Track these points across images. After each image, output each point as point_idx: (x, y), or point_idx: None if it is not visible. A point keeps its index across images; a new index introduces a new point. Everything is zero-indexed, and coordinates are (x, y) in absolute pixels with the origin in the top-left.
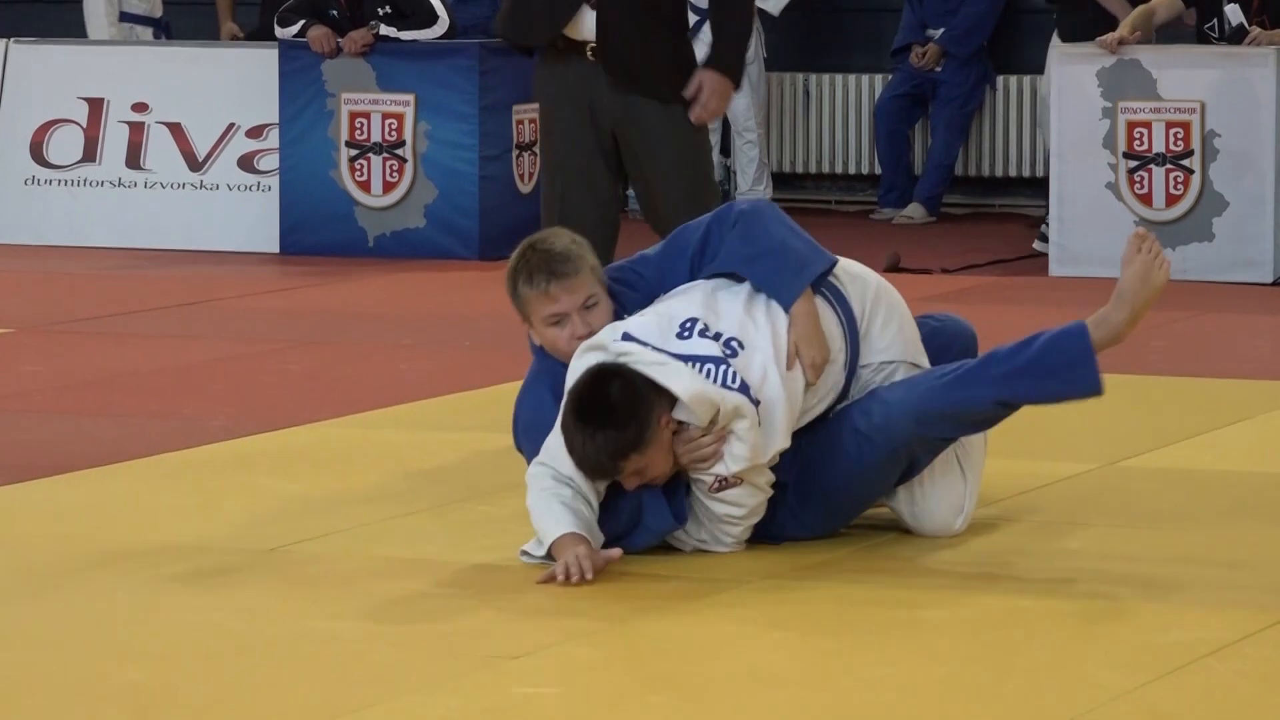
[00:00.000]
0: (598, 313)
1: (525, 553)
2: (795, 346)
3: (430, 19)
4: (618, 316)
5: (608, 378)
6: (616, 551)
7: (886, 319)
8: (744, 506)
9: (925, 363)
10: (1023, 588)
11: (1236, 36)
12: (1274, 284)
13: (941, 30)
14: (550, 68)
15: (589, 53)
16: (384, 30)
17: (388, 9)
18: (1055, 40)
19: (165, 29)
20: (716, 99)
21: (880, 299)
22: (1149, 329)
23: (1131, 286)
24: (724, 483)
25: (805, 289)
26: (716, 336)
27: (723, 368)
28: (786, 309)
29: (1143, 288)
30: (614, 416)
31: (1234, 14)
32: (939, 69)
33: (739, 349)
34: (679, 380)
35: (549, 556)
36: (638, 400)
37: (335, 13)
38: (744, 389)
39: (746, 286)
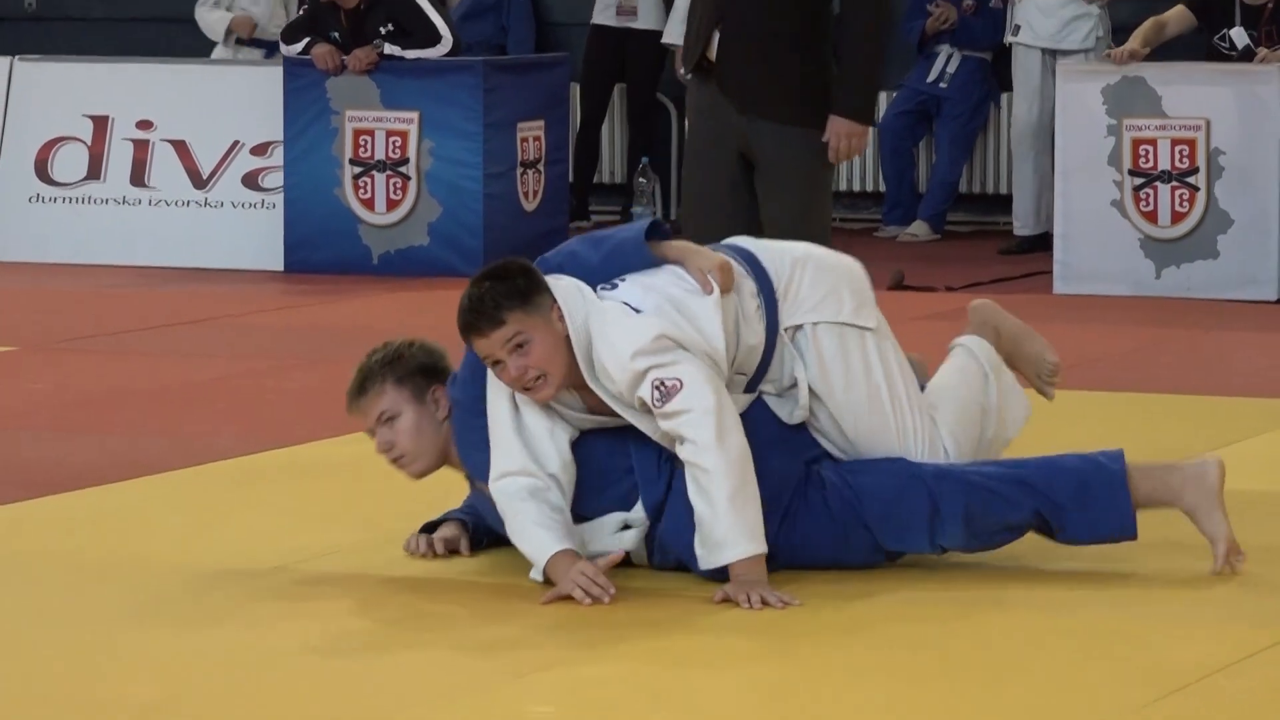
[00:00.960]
0: (399, 424)
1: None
2: (687, 266)
3: (434, 38)
4: None
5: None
6: (618, 554)
7: (816, 280)
8: (695, 408)
9: (870, 323)
10: (1029, 605)
11: (1245, 57)
12: (1278, 302)
13: (950, 48)
14: (695, 87)
15: (715, 73)
16: (388, 49)
17: (390, 28)
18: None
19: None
20: (848, 144)
21: (808, 263)
22: (1155, 346)
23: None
24: (662, 388)
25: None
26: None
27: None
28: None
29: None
30: (507, 270)
31: (1239, 36)
32: (944, 84)
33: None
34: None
35: (546, 579)
36: (534, 274)
37: (337, 34)
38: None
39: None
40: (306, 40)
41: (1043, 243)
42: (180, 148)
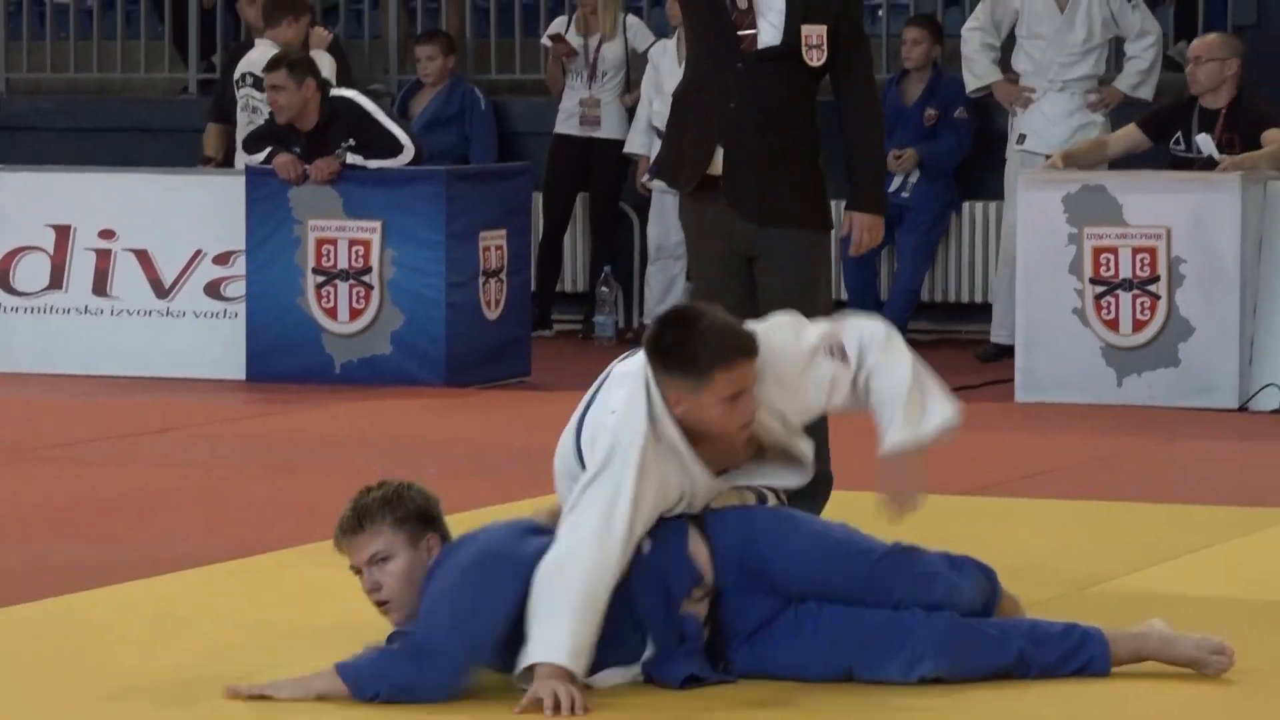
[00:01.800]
0: (391, 567)
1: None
2: None
3: (395, 148)
4: None
5: None
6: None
7: None
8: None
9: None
10: (993, 712)
11: (1208, 166)
12: (1239, 410)
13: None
14: (693, 202)
15: (721, 188)
16: (351, 159)
17: (350, 142)
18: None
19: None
20: (869, 235)
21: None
22: (1116, 455)
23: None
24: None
25: None
26: None
27: None
28: None
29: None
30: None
31: (1205, 143)
32: (906, 194)
33: None
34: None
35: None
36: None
37: (298, 150)
38: None
39: None
40: (268, 150)
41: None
42: (142, 257)
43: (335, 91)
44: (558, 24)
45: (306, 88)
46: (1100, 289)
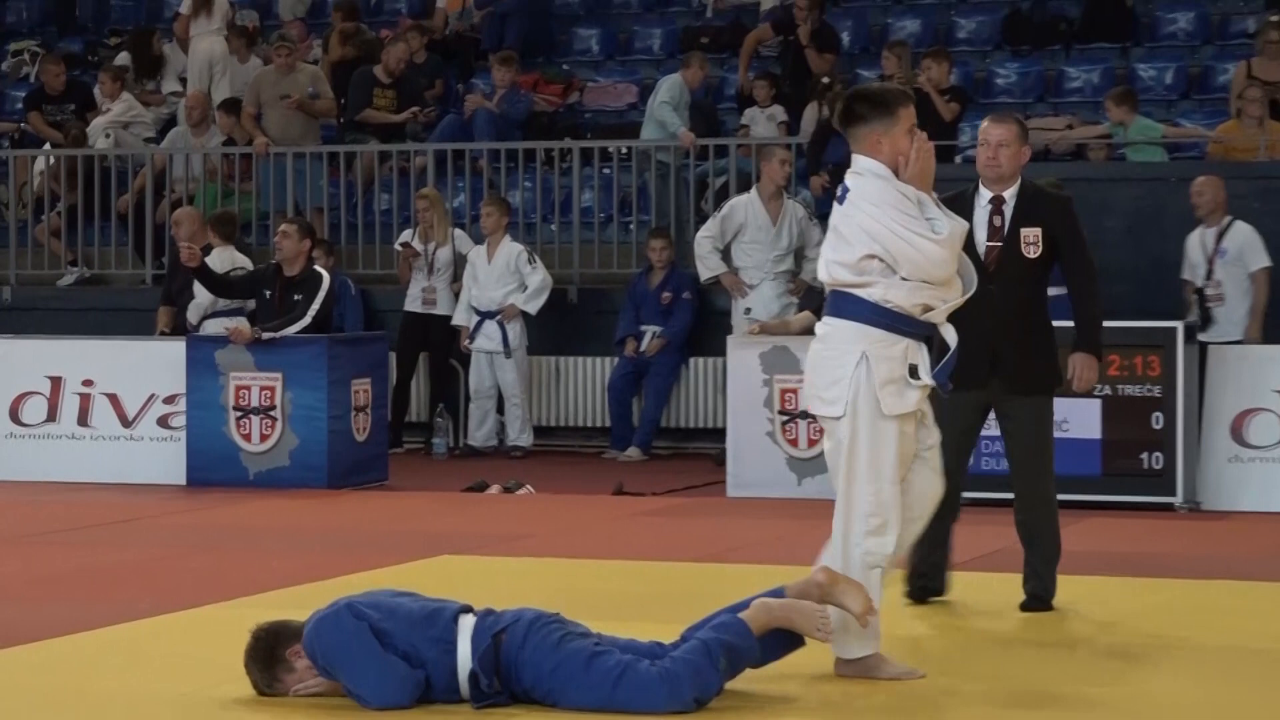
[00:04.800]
0: (292, 688)
1: None
2: None
3: (302, 315)
4: None
5: None
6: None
7: None
8: None
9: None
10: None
11: None
12: None
13: (656, 327)
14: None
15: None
16: (265, 335)
17: (299, 297)
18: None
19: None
20: (1089, 373)
21: None
22: (796, 534)
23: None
24: None
25: None
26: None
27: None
28: None
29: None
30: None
31: None
32: (650, 354)
33: None
34: None
35: None
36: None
37: (269, 293)
38: None
39: None
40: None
41: None
42: (113, 399)
43: (316, 265)
44: (406, 234)
45: (304, 243)
46: (785, 418)
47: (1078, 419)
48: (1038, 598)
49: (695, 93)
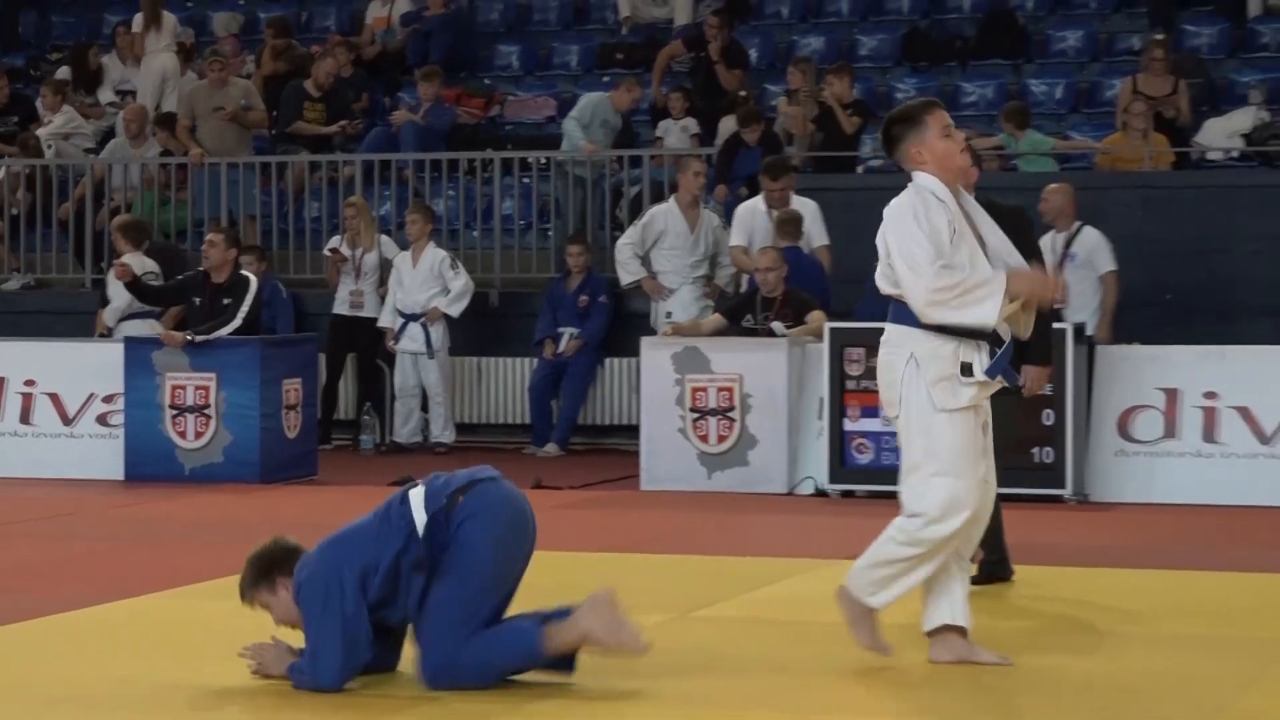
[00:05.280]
0: (272, 613)
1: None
2: None
3: (232, 318)
4: None
5: None
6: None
7: None
8: None
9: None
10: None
11: (769, 334)
12: (787, 494)
13: (574, 329)
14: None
15: None
16: (197, 339)
17: (228, 301)
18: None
19: (158, 316)
20: (1039, 383)
21: None
22: (705, 524)
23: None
24: None
25: None
26: None
27: None
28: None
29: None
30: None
31: (778, 327)
32: (568, 355)
33: None
34: None
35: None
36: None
37: (198, 300)
38: None
39: None
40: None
41: None
42: (54, 398)
43: (243, 270)
44: (334, 240)
45: (230, 251)
46: (696, 415)
47: None
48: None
49: (625, 113)
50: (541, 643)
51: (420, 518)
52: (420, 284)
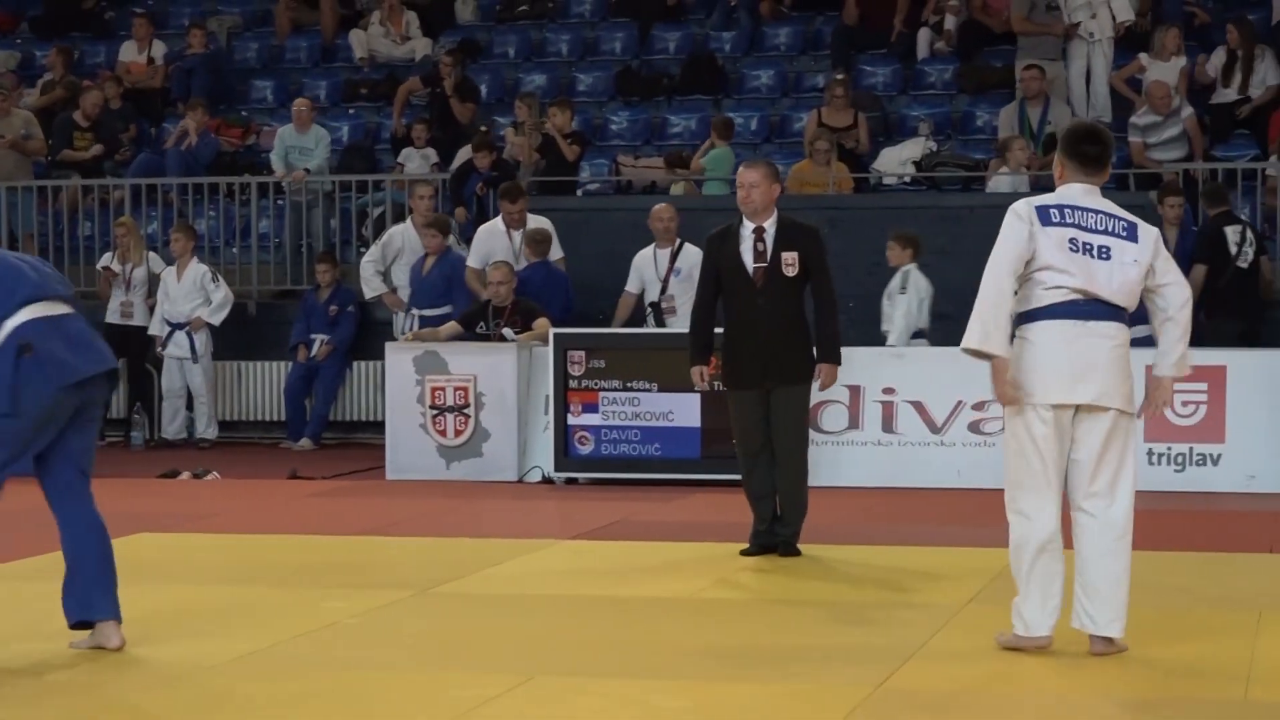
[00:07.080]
0: None
1: None
2: None
3: None
4: None
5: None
6: None
7: None
8: None
9: None
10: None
11: (501, 339)
12: (517, 481)
13: (325, 335)
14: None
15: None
16: None
17: None
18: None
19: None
20: (832, 379)
21: None
22: (446, 510)
23: None
24: None
25: None
26: None
27: None
28: None
29: None
30: None
31: (508, 333)
32: (321, 359)
33: None
34: None
35: None
36: None
37: None
38: None
39: None
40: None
41: None
42: None
43: None
44: (106, 257)
45: None
46: (435, 412)
47: (681, 411)
48: (788, 544)
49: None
50: None
51: None
52: (185, 295)
